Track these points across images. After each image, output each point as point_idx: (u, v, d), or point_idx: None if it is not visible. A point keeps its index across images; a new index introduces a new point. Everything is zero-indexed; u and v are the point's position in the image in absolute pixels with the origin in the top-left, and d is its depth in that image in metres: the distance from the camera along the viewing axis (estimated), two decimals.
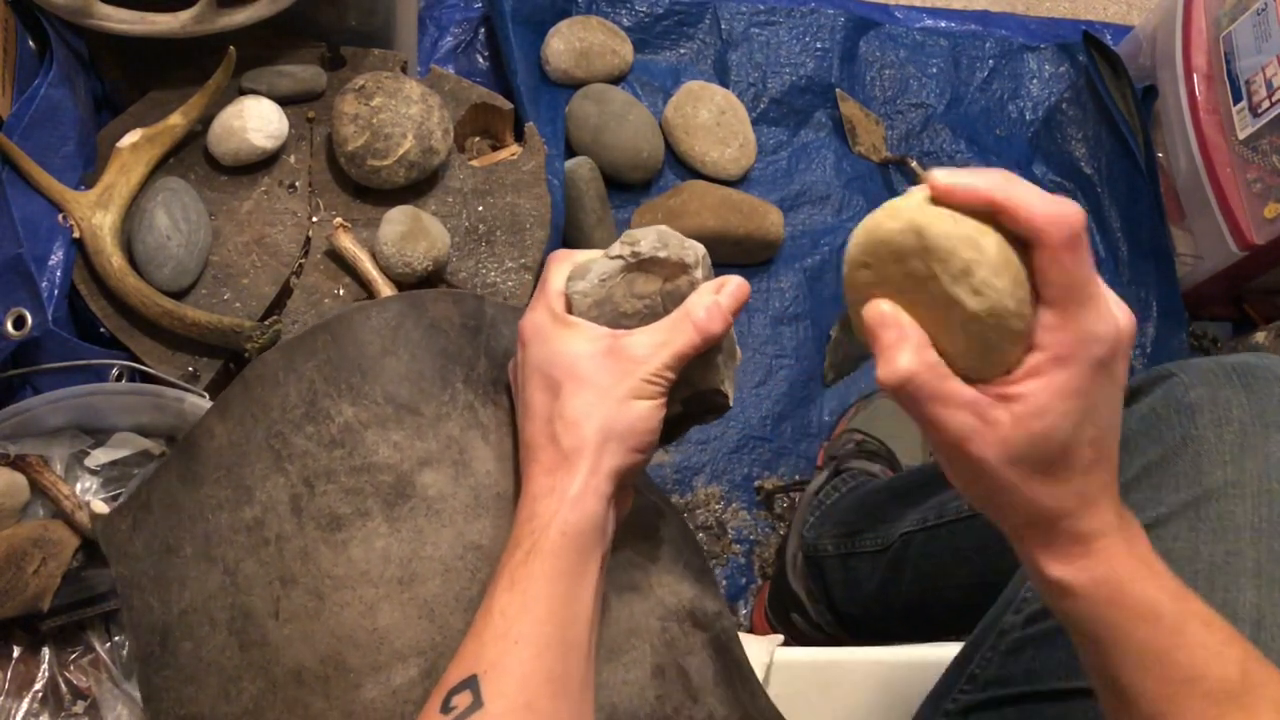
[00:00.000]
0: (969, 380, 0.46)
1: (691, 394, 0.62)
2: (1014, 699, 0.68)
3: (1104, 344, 0.44)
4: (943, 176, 0.45)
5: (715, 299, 0.59)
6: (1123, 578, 0.47)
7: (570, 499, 0.55)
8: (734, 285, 0.60)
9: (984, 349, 0.45)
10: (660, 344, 0.58)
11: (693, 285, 0.60)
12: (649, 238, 0.61)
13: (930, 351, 0.46)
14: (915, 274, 0.46)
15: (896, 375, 0.45)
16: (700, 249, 0.62)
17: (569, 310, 0.61)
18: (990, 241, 0.44)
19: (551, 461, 0.57)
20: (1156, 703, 0.47)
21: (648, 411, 0.57)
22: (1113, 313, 0.45)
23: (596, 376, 0.57)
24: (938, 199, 0.45)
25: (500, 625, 0.52)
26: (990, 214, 0.44)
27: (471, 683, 0.50)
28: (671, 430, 0.63)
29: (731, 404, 0.63)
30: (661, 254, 0.60)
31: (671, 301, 0.60)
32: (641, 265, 0.60)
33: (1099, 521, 0.47)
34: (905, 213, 0.46)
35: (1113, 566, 0.47)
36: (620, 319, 0.60)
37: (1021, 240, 0.44)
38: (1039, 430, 0.44)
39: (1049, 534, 0.47)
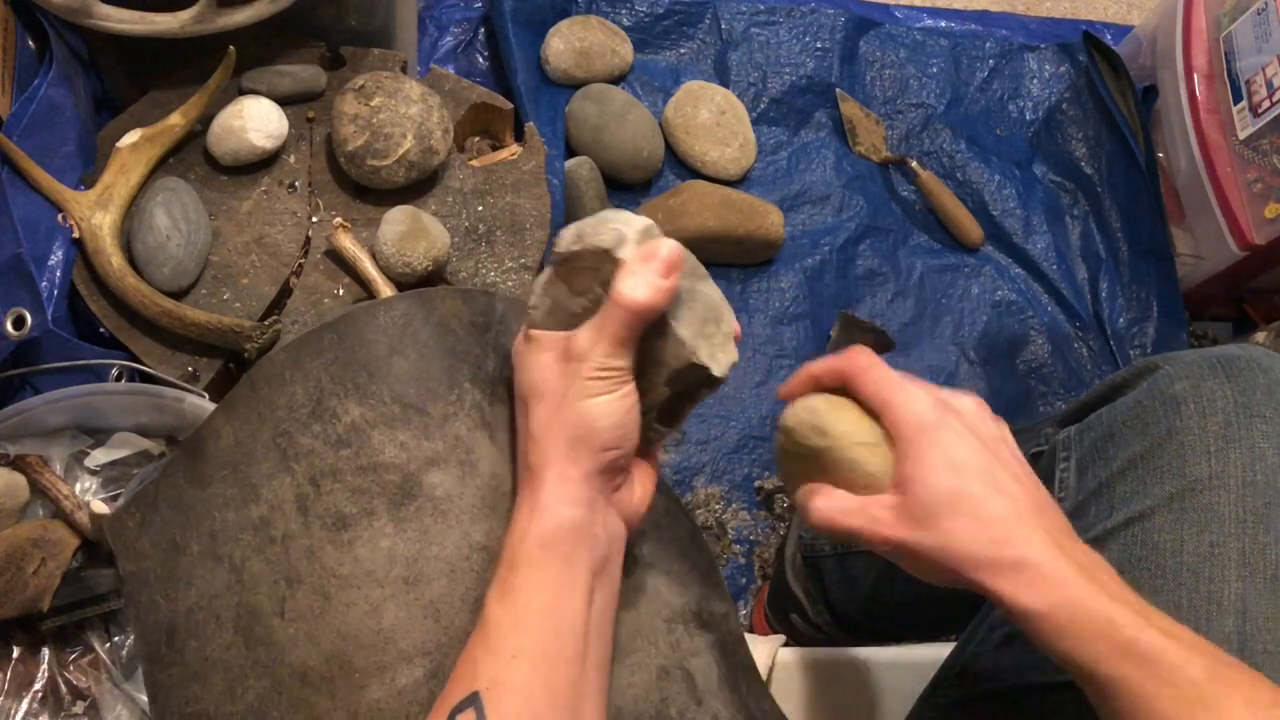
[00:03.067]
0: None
1: (670, 374, 0.58)
2: (1002, 693, 0.69)
3: (928, 411, 0.55)
4: (782, 389, 0.62)
5: (639, 267, 0.55)
6: (1077, 597, 0.50)
7: (539, 509, 0.55)
8: (662, 249, 0.55)
9: (870, 465, 0.56)
10: (596, 334, 0.55)
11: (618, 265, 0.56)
12: (568, 234, 0.58)
13: (832, 495, 0.58)
14: (807, 447, 0.59)
15: (814, 519, 0.58)
16: (635, 224, 0.57)
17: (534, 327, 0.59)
18: (818, 402, 0.59)
19: (525, 478, 0.57)
20: (1136, 694, 0.49)
21: (605, 408, 0.55)
22: (924, 393, 0.56)
23: (551, 386, 0.56)
24: (790, 395, 0.61)
25: (496, 639, 0.52)
26: (832, 387, 0.60)
27: (474, 700, 0.50)
28: (671, 413, 0.62)
29: (723, 374, 0.58)
30: (576, 247, 0.57)
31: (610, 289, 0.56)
32: (568, 263, 0.58)
33: (1036, 551, 0.52)
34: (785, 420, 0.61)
35: (1065, 588, 0.51)
36: (574, 320, 0.58)
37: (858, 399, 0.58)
38: (920, 492, 0.54)
39: (997, 570, 0.52)
